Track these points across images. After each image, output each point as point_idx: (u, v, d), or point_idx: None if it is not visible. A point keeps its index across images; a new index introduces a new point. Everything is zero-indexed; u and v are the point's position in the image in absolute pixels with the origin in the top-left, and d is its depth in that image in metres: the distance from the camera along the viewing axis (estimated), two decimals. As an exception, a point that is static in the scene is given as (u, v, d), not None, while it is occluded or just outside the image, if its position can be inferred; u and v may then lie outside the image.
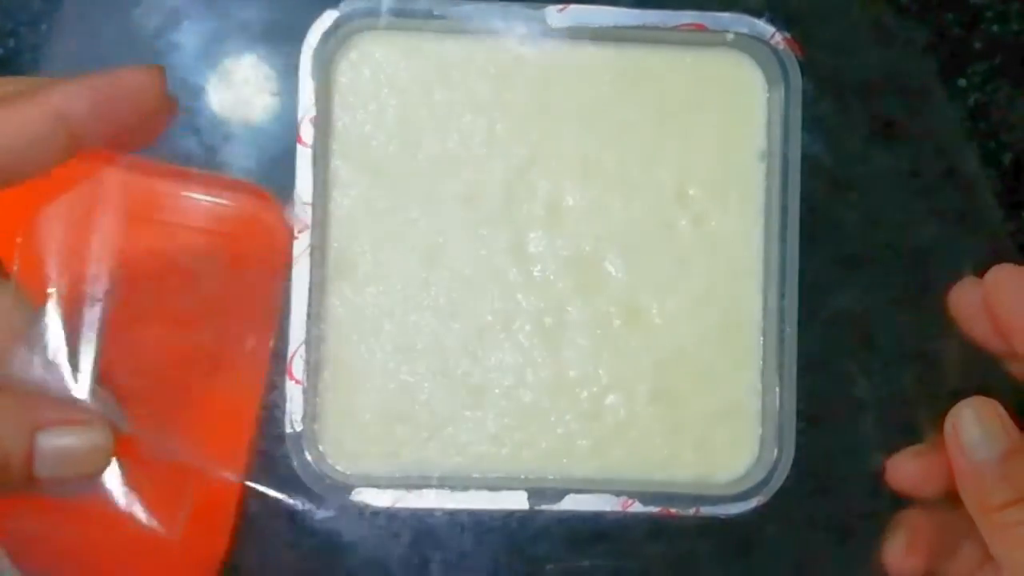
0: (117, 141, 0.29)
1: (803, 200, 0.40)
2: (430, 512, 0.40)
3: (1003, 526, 0.31)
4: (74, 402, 0.29)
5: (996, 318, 0.34)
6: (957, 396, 0.35)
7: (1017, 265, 0.34)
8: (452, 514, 0.41)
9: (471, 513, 0.40)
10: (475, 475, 0.40)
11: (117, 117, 0.28)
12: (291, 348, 0.38)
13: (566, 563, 0.42)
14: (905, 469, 0.36)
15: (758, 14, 0.40)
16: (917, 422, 0.39)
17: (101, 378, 0.31)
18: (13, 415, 0.27)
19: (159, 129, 0.31)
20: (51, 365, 0.29)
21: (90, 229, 0.31)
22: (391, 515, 0.40)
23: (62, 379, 0.29)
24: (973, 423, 0.32)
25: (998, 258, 0.44)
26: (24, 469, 0.27)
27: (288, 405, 0.38)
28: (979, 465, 0.32)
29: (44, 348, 0.29)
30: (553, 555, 0.42)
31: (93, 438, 0.28)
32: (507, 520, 0.42)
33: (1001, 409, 0.33)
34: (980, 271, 0.34)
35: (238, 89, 0.43)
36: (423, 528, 0.42)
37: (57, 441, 0.27)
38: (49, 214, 0.31)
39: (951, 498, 0.34)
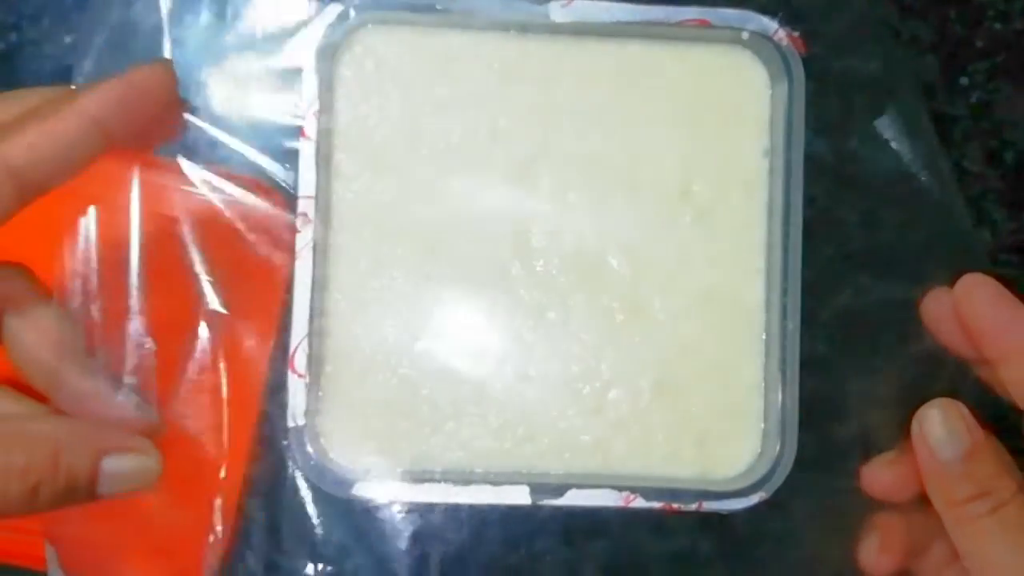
0: (143, 136, 0.32)
1: (805, 197, 0.40)
2: (431, 506, 0.40)
3: (966, 519, 0.34)
4: (125, 416, 0.33)
5: (965, 325, 0.36)
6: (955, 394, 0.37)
7: (984, 275, 0.36)
8: (453, 508, 0.41)
9: (472, 507, 0.40)
10: (477, 470, 0.40)
11: (140, 112, 0.30)
12: (294, 342, 0.38)
13: (566, 555, 0.42)
14: (879, 477, 0.38)
15: (763, 11, 0.40)
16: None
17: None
18: (81, 442, 0.31)
19: (177, 122, 0.35)
20: (96, 379, 0.33)
21: (123, 244, 0.34)
22: (393, 509, 0.40)
23: (109, 392, 0.33)
24: (938, 423, 0.35)
25: (999, 257, 0.44)
26: (89, 488, 0.31)
27: (290, 399, 0.38)
28: (944, 463, 0.35)
29: (88, 364, 0.33)
30: (554, 549, 0.42)
31: (148, 462, 0.32)
32: (508, 514, 0.42)
33: (965, 410, 0.35)
34: (951, 281, 0.37)
35: (241, 83, 0.42)
36: (424, 522, 0.42)
37: (118, 465, 0.31)
38: (81, 230, 0.35)
39: (922, 501, 0.36)
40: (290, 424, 0.38)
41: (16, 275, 0.34)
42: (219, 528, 0.39)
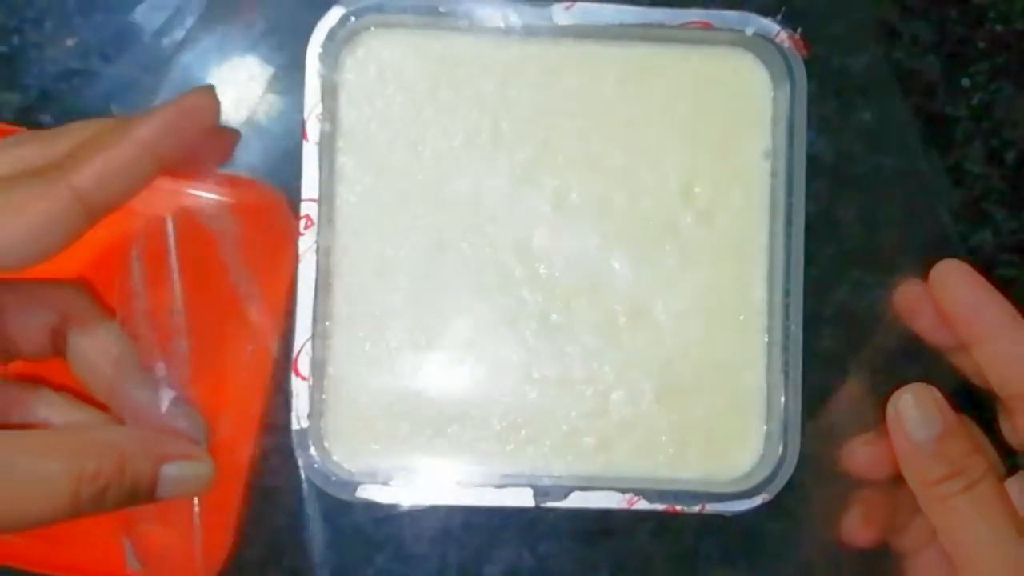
0: (193, 158, 0.34)
1: (807, 198, 0.40)
2: (435, 509, 0.40)
3: (939, 498, 0.35)
4: (179, 426, 0.36)
5: (941, 309, 0.37)
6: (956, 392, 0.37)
7: (958, 260, 0.37)
8: (458, 511, 0.41)
9: (476, 510, 0.40)
10: (480, 472, 0.40)
11: (188, 135, 0.32)
12: (297, 345, 0.38)
13: (568, 557, 0.42)
14: (857, 456, 0.39)
15: (765, 13, 0.40)
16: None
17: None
18: (144, 450, 0.33)
19: (227, 144, 0.37)
20: (153, 392, 0.36)
21: (169, 267, 0.37)
22: (396, 512, 0.40)
23: (165, 403, 0.36)
24: (912, 407, 0.36)
25: (1000, 257, 0.44)
26: (150, 491, 0.33)
27: (294, 402, 0.38)
28: (918, 444, 0.36)
29: (146, 378, 0.36)
30: (560, 551, 0.42)
31: (203, 468, 0.35)
32: (514, 517, 0.42)
33: (938, 394, 0.36)
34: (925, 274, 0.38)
35: (244, 86, 0.43)
36: (427, 525, 0.42)
37: (177, 472, 0.34)
38: (134, 250, 0.37)
39: (899, 480, 0.37)
40: (294, 427, 0.38)
41: (79, 294, 0.36)
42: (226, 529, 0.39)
